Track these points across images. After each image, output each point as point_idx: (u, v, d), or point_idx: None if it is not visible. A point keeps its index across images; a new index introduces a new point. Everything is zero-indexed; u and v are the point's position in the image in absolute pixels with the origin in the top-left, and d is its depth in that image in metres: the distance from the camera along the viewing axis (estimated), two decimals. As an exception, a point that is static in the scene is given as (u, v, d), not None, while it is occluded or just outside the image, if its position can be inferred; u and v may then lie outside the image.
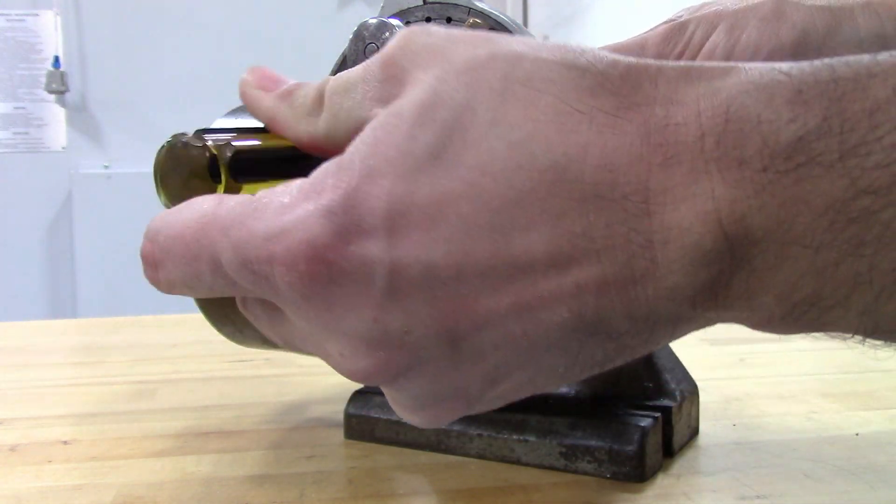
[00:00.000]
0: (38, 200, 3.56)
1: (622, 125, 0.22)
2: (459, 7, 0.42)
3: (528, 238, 0.22)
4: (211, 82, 3.49)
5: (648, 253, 0.22)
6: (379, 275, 0.23)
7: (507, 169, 0.22)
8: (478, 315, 0.23)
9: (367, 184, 0.23)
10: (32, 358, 0.82)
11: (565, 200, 0.22)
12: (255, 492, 0.45)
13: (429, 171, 0.23)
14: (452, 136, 0.23)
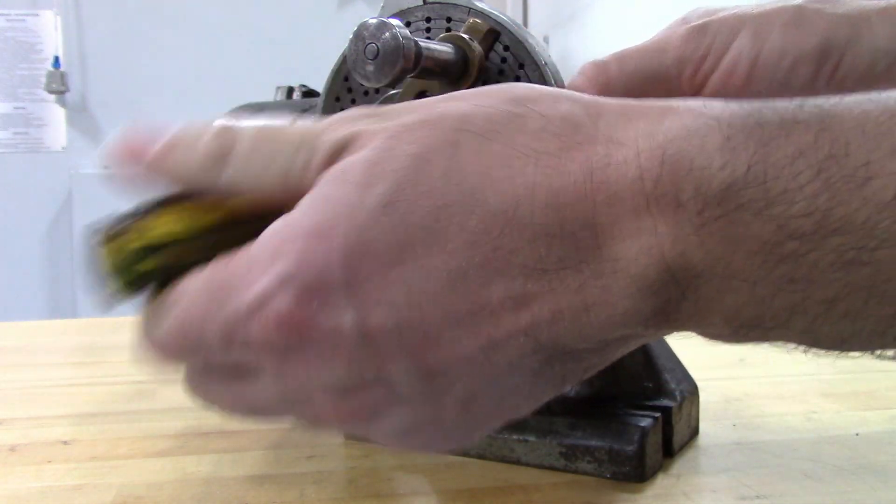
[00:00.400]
0: (38, 200, 3.57)
1: (565, 165, 0.23)
2: (459, 7, 0.42)
3: (485, 278, 0.23)
4: (211, 82, 3.49)
5: (600, 282, 0.23)
6: (347, 328, 0.24)
7: (460, 214, 0.23)
8: (445, 352, 0.24)
9: (318, 242, 0.23)
10: (32, 358, 0.82)
11: (517, 241, 0.23)
12: (255, 492, 0.45)
13: (382, 221, 0.23)
14: (405, 186, 0.24)
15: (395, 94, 0.41)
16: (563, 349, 0.24)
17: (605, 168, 0.23)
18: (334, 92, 0.45)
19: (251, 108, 0.56)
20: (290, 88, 0.60)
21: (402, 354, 0.24)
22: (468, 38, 0.39)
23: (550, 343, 0.24)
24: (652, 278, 0.23)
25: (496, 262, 0.23)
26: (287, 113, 0.54)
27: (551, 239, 0.23)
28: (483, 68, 0.40)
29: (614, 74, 0.36)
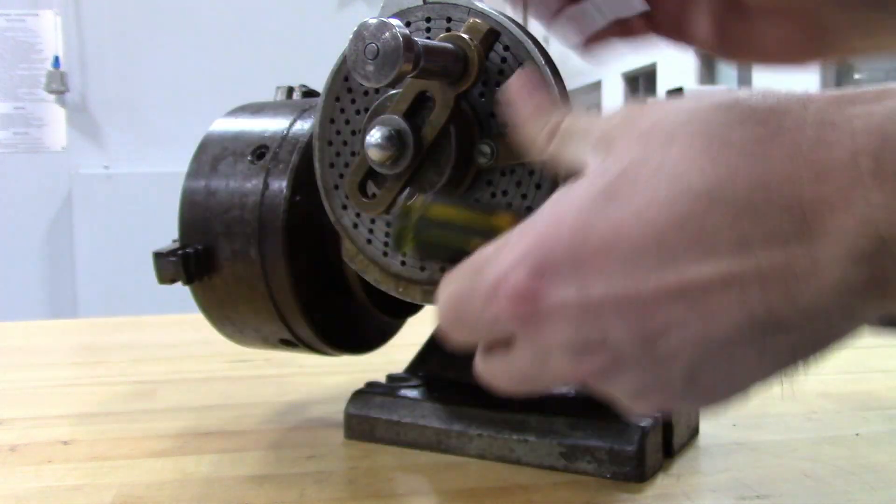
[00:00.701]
0: (38, 200, 3.56)
1: (770, 150, 0.25)
2: (459, 7, 0.42)
3: (693, 255, 0.26)
4: (211, 82, 3.49)
5: (809, 253, 0.24)
6: (572, 298, 0.27)
7: (668, 198, 0.26)
8: (660, 321, 0.27)
9: (549, 229, 0.28)
10: (32, 358, 0.82)
11: (720, 219, 0.25)
12: (255, 492, 0.45)
13: (603, 209, 0.27)
14: (624, 183, 0.27)
15: (395, 94, 0.41)
16: (778, 321, 0.25)
17: (815, 149, 0.25)
18: (334, 92, 0.45)
19: (251, 108, 0.56)
20: (290, 88, 0.60)
21: (622, 322, 0.27)
22: (468, 38, 0.39)
23: (764, 314, 0.25)
24: (864, 248, 0.24)
25: (703, 239, 0.25)
26: (287, 113, 0.54)
27: (755, 216, 0.25)
28: (483, 68, 0.40)
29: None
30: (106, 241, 3.42)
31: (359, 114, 0.45)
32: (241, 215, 0.50)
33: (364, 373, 0.57)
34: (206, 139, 0.55)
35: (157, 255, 0.51)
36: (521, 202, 0.40)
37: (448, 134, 0.40)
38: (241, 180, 0.51)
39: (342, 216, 0.46)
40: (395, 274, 0.44)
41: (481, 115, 0.41)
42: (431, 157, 0.41)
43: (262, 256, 0.50)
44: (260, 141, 0.52)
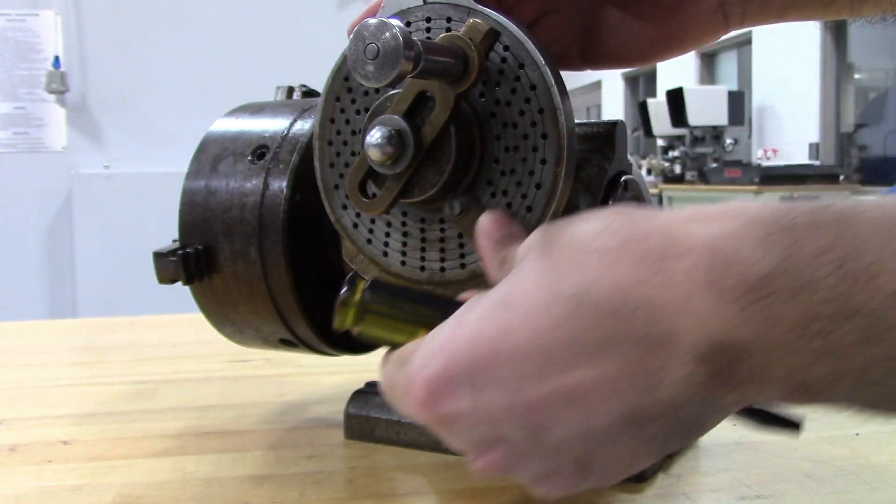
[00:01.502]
0: (38, 200, 3.56)
1: (626, 259, 0.29)
2: (459, 7, 0.42)
3: (567, 355, 0.29)
4: (211, 82, 3.49)
5: (662, 351, 0.28)
6: (465, 405, 0.31)
7: (547, 303, 0.30)
8: (546, 419, 0.30)
9: (453, 334, 0.32)
10: (32, 358, 0.82)
11: (586, 319, 0.29)
12: (255, 492, 0.45)
13: (498, 317, 0.31)
14: (518, 293, 0.31)
15: (395, 94, 0.41)
16: (645, 412, 0.29)
17: (661, 259, 0.28)
18: (334, 92, 0.45)
19: (251, 108, 0.56)
20: (290, 88, 0.60)
21: (513, 422, 0.30)
22: (468, 38, 0.39)
23: (633, 407, 0.29)
24: (704, 349, 0.27)
25: (574, 340, 0.29)
26: (287, 113, 0.54)
27: (614, 317, 0.28)
28: (483, 68, 0.40)
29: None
30: (106, 241, 3.42)
31: (359, 114, 0.45)
32: (241, 215, 0.50)
33: (364, 373, 0.57)
34: (206, 139, 0.54)
35: (157, 255, 0.51)
36: (521, 202, 0.40)
37: (448, 134, 0.40)
38: (241, 180, 0.51)
39: (342, 216, 0.46)
40: (395, 274, 0.44)
41: (481, 115, 0.41)
42: (431, 157, 0.41)
43: (262, 256, 0.50)
44: (260, 141, 0.52)
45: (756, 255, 0.27)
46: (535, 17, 0.47)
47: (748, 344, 0.27)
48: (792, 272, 0.26)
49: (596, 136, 0.45)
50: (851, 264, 0.26)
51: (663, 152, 5.60)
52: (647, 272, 0.28)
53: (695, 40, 0.48)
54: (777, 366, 0.27)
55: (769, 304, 0.26)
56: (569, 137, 0.40)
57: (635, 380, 0.28)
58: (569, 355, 0.29)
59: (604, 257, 0.29)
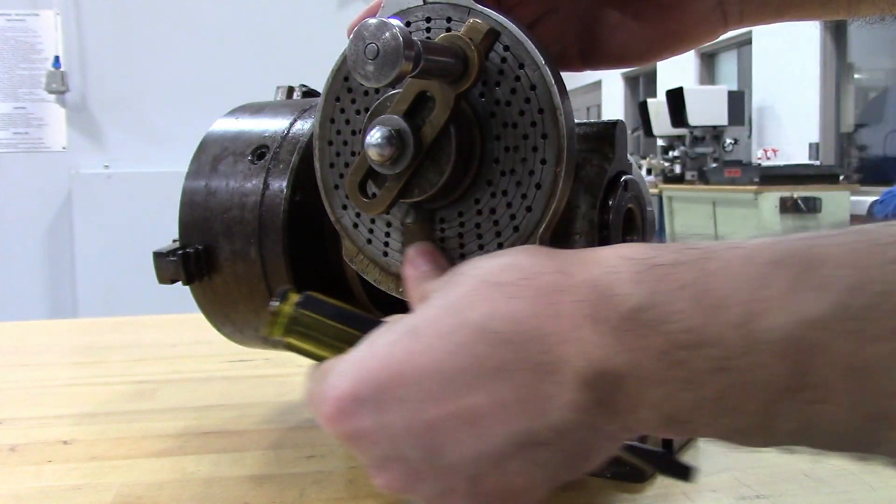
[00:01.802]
0: (38, 200, 3.56)
1: (523, 292, 0.31)
2: (459, 7, 0.42)
3: (465, 380, 0.31)
4: (211, 82, 3.49)
5: (551, 378, 0.30)
6: (369, 425, 0.33)
7: (450, 331, 0.32)
8: (442, 440, 0.32)
9: (364, 358, 0.34)
10: (32, 358, 0.82)
11: (485, 346, 0.31)
12: (255, 492, 0.45)
13: (405, 343, 0.33)
14: (425, 321, 0.33)
15: (395, 94, 0.41)
16: (535, 437, 0.31)
17: (553, 292, 0.31)
18: (334, 92, 0.45)
19: (251, 108, 0.56)
20: (290, 88, 0.60)
21: (410, 440, 0.32)
22: (468, 38, 0.39)
23: (524, 431, 0.31)
24: (587, 375, 0.29)
25: (472, 366, 0.31)
26: (287, 113, 0.54)
27: (509, 346, 0.31)
28: (483, 68, 0.40)
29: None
30: (106, 241, 3.42)
31: (359, 114, 0.45)
32: (241, 215, 0.50)
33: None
34: (206, 139, 0.54)
35: (157, 254, 0.51)
36: (521, 202, 0.40)
37: (448, 134, 0.40)
38: (241, 180, 0.51)
39: (342, 216, 0.46)
40: (395, 274, 0.44)
41: (481, 115, 0.41)
42: (431, 157, 0.41)
43: (262, 256, 0.50)
44: (260, 141, 0.52)
45: (628, 291, 0.29)
46: (535, 18, 0.47)
47: (624, 372, 0.29)
48: (656, 306, 0.29)
49: (596, 136, 0.45)
50: (705, 298, 0.28)
51: (663, 152, 5.60)
52: (540, 305, 0.31)
53: (694, 39, 0.48)
54: (649, 394, 0.29)
55: (638, 334, 0.29)
56: (569, 137, 0.40)
57: (527, 405, 0.30)
58: (466, 380, 0.31)
59: (504, 290, 0.32)
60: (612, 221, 0.44)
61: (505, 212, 0.41)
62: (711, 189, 4.64)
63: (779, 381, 0.27)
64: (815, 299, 0.26)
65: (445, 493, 0.33)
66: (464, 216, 0.42)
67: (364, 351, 0.34)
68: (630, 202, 0.46)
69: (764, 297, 0.27)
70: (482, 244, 0.41)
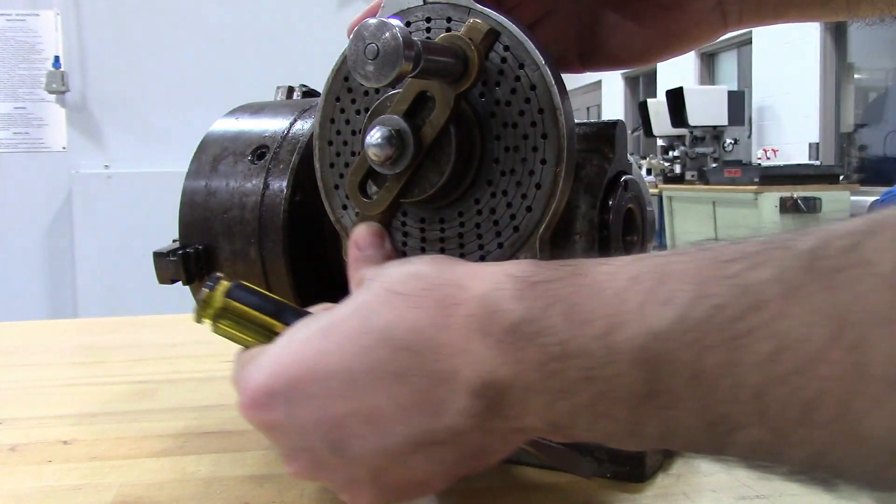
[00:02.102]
0: (38, 200, 3.56)
1: (424, 303, 0.33)
2: (459, 7, 0.42)
3: (369, 380, 0.33)
4: (211, 82, 3.49)
5: (445, 385, 0.32)
6: (280, 417, 0.35)
7: (358, 334, 0.34)
8: (345, 435, 0.34)
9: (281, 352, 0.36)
10: (32, 358, 0.82)
11: (387, 351, 0.33)
12: (255, 492, 0.45)
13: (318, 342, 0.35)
14: (339, 322, 0.35)
15: (395, 94, 0.41)
16: (432, 437, 0.33)
17: (450, 306, 0.33)
18: (334, 92, 0.45)
19: (251, 108, 0.56)
20: (290, 88, 0.60)
21: (318, 434, 0.34)
22: (468, 38, 0.39)
23: (421, 431, 0.33)
24: (475, 385, 0.31)
25: (375, 369, 0.33)
26: (287, 113, 0.53)
27: (409, 352, 0.32)
28: (483, 68, 0.40)
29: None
30: (106, 241, 3.42)
31: (359, 114, 0.45)
32: (241, 215, 0.50)
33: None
34: (206, 139, 0.54)
35: (157, 254, 0.51)
36: (521, 202, 0.40)
37: (448, 134, 0.40)
38: (241, 180, 0.51)
39: (342, 216, 0.46)
40: (395, 274, 0.44)
41: (481, 115, 0.41)
42: (431, 157, 0.41)
43: (262, 256, 0.50)
44: (260, 141, 0.52)
45: (511, 306, 0.31)
46: (534, 19, 0.47)
47: (508, 382, 0.31)
48: (533, 320, 0.31)
49: (596, 136, 0.45)
50: (574, 313, 0.30)
51: (663, 152, 5.60)
52: (438, 316, 0.33)
53: (693, 40, 0.48)
54: (532, 402, 0.31)
55: (518, 347, 0.31)
56: (569, 137, 0.40)
57: (423, 408, 0.32)
58: (370, 381, 0.33)
59: (407, 300, 0.34)
60: (612, 221, 0.44)
61: (505, 212, 0.41)
62: (711, 189, 4.63)
63: (637, 388, 0.28)
64: (661, 312, 0.28)
65: (350, 482, 0.36)
66: (464, 216, 0.42)
67: (281, 346, 0.36)
68: (630, 202, 0.46)
69: (622, 311, 0.29)
70: (482, 244, 0.41)
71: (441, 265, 0.35)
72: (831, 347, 0.24)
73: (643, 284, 0.29)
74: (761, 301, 0.26)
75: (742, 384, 0.26)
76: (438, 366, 0.32)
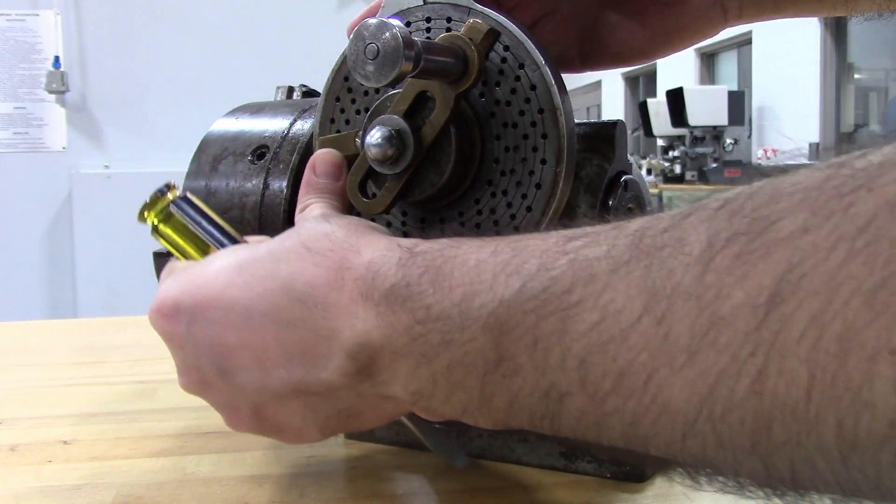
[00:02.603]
0: (38, 200, 3.56)
1: (325, 262, 0.35)
2: (459, 7, 0.42)
3: (263, 321, 0.35)
4: (211, 82, 3.49)
5: (326, 342, 0.34)
6: (180, 331, 0.37)
7: (263, 278, 0.36)
8: (233, 363, 0.36)
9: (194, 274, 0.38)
10: (32, 358, 0.82)
11: (284, 299, 0.35)
12: (255, 492, 0.45)
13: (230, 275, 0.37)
14: (255, 259, 0.37)
15: (395, 94, 0.41)
16: (308, 387, 0.35)
17: (344, 268, 0.34)
18: (334, 92, 0.45)
19: (251, 108, 0.56)
20: (290, 88, 0.60)
21: (208, 357, 0.37)
22: (468, 38, 0.39)
23: (298, 379, 0.35)
24: (351, 346, 0.33)
25: (270, 312, 0.35)
26: (287, 113, 0.53)
27: (301, 305, 0.34)
28: (483, 68, 0.40)
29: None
30: (106, 241, 3.42)
31: (359, 114, 0.45)
32: (241, 215, 0.50)
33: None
34: (206, 139, 0.54)
35: (157, 255, 0.51)
36: (521, 202, 0.41)
37: (448, 134, 0.40)
38: (241, 180, 0.51)
39: (342, 216, 0.46)
40: (395, 274, 0.44)
41: (481, 115, 0.41)
42: (431, 157, 0.41)
43: (262, 256, 0.49)
44: (260, 141, 0.52)
45: (390, 273, 0.33)
46: (534, 20, 0.47)
47: (379, 345, 0.33)
48: (408, 286, 0.32)
49: (596, 136, 0.45)
50: (440, 280, 0.32)
51: (663, 152, 5.60)
52: (332, 277, 0.34)
53: (693, 35, 0.48)
54: (398, 367, 0.33)
55: (392, 310, 0.32)
56: (569, 137, 0.40)
57: (305, 358, 0.35)
58: (264, 322, 0.35)
59: (314, 257, 0.35)
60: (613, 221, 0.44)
61: (505, 212, 0.41)
62: (711, 189, 4.63)
63: (486, 354, 0.30)
64: (508, 282, 0.30)
65: (231, 406, 0.38)
66: (464, 216, 0.42)
67: (200, 267, 0.38)
68: (630, 202, 0.46)
69: (478, 281, 0.31)
70: (482, 244, 0.41)
71: (351, 231, 0.37)
72: (642, 319, 0.26)
73: (500, 257, 0.31)
74: (592, 275, 0.28)
75: (569, 352, 0.28)
76: (325, 323, 0.34)
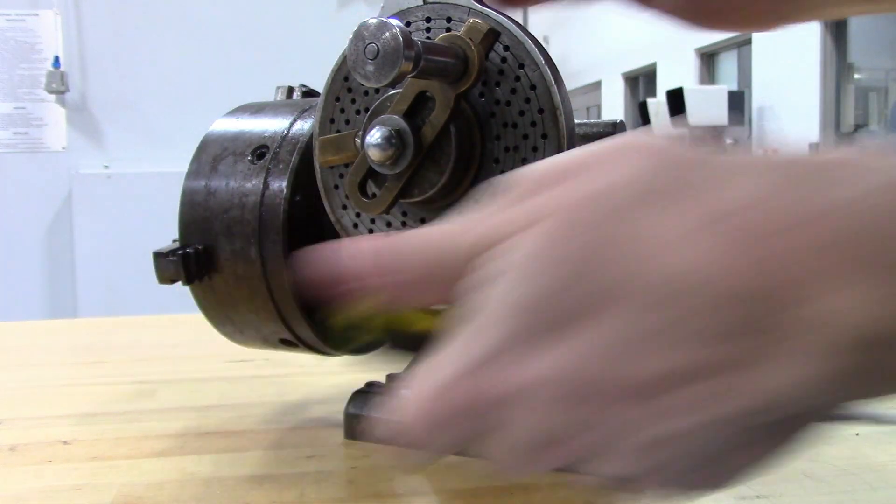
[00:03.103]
0: (38, 200, 3.56)
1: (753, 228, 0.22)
2: (459, 7, 0.42)
3: (658, 346, 0.22)
4: (211, 82, 3.49)
5: (784, 345, 0.22)
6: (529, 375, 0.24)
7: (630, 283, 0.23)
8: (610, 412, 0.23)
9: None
10: (32, 358, 0.82)
11: (697, 306, 0.22)
12: (255, 492, 0.45)
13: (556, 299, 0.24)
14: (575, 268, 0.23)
15: (395, 94, 0.41)
16: (749, 419, 0.23)
17: (787, 229, 0.22)
18: (334, 92, 0.45)
19: (251, 108, 0.56)
20: (290, 88, 0.60)
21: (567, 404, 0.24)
22: (468, 38, 0.39)
23: (734, 412, 0.23)
24: (839, 341, 0.21)
25: (669, 330, 0.22)
26: (287, 113, 0.54)
27: (737, 303, 0.22)
28: (483, 68, 0.40)
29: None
30: (106, 241, 3.42)
31: (359, 114, 0.45)
32: (241, 215, 0.50)
33: (364, 373, 0.57)
34: (206, 139, 0.54)
35: (157, 255, 0.51)
36: (521, 202, 0.41)
37: (448, 134, 0.40)
38: (241, 180, 0.51)
39: (342, 216, 0.46)
40: (395, 274, 0.44)
41: (481, 115, 0.41)
42: (431, 157, 0.41)
43: (262, 256, 0.50)
44: (260, 141, 0.52)
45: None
46: None
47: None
48: None
49: (596, 136, 0.45)
50: None
51: (663, 152, 5.60)
52: (781, 247, 0.22)
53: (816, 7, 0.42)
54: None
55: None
56: (569, 137, 0.40)
57: (745, 381, 0.23)
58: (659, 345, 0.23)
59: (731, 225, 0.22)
60: (612, 221, 0.44)
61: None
62: (711, 189, 4.63)
63: None
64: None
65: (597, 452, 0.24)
66: (464, 216, 0.42)
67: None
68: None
69: None
70: (482, 244, 0.41)
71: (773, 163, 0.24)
72: None
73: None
74: None
75: None
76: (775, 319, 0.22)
